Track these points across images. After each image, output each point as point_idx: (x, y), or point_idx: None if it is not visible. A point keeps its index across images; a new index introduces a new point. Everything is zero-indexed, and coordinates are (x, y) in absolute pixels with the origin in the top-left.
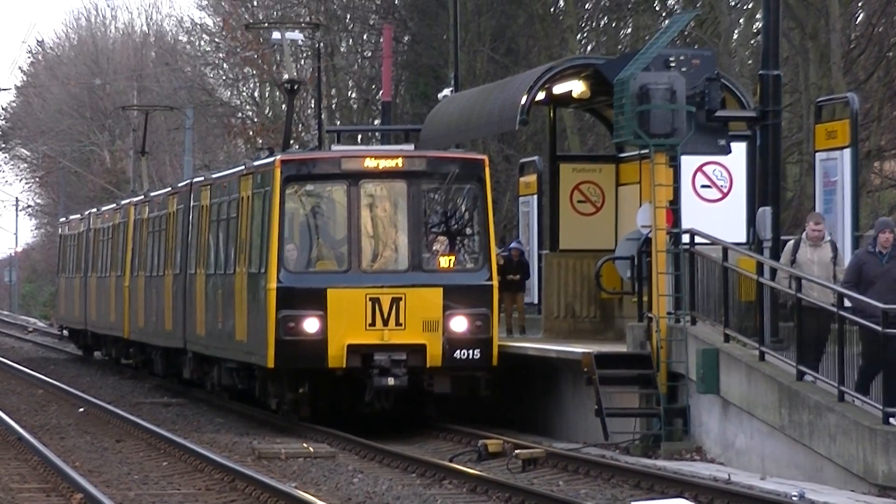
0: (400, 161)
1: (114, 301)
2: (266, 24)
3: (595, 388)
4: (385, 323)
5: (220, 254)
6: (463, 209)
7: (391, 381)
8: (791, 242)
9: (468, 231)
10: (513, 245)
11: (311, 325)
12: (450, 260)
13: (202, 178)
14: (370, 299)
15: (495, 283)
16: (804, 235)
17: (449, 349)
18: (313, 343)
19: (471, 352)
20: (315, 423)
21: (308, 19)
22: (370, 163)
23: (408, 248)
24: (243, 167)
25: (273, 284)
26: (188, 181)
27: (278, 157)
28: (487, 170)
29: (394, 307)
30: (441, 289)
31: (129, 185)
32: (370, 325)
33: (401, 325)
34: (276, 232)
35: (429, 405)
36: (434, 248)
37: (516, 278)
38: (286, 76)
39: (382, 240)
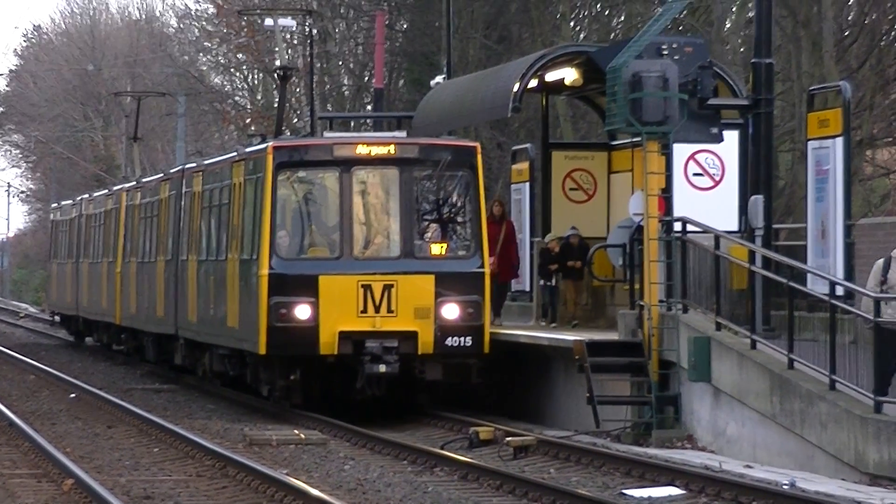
0: (392, 148)
1: (105, 287)
2: (259, 11)
3: (587, 375)
4: (377, 310)
5: (211, 240)
6: (455, 196)
7: (383, 367)
8: (881, 262)
9: (460, 218)
10: (570, 231)
11: (302, 311)
12: (442, 247)
13: (194, 165)
14: (362, 286)
15: (487, 269)
16: (893, 254)
17: (441, 336)
18: (305, 330)
19: (462, 339)
20: (306, 409)
21: (301, 6)
22: (362, 150)
23: (400, 235)
24: (235, 154)
25: (265, 271)
26: (180, 167)
27: (270, 143)
28: (479, 157)
29: (385, 294)
30: (433, 276)
31: (121, 170)
32: (362, 311)
33: (392, 312)
34: (268, 218)
35: (420, 392)
36: (426, 235)
37: (577, 265)
38: (278, 63)
39: (374, 227)
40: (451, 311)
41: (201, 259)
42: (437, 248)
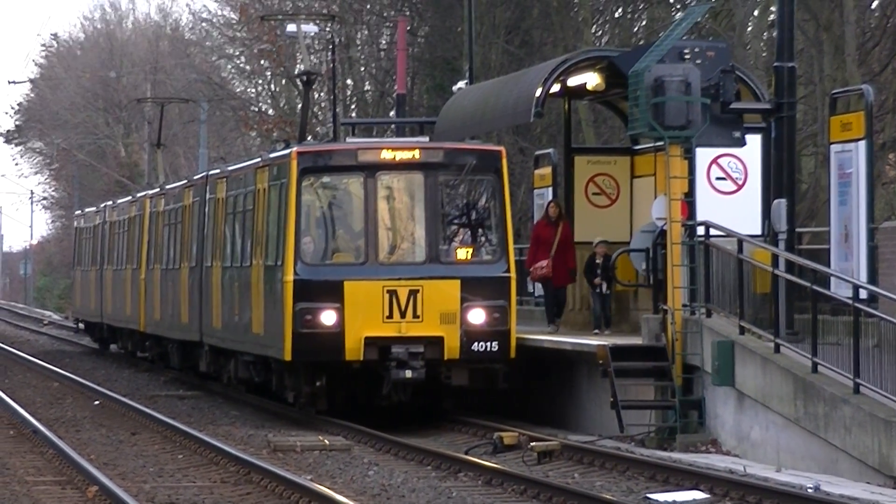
0: (417, 153)
1: (129, 294)
2: (281, 16)
3: (610, 380)
4: (402, 315)
5: (236, 246)
6: (480, 201)
7: (408, 373)
8: None
9: (485, 223)
10: None
11: (328, 317)
12: (467, 252)
13: (218, 171)
14: (387, 291)
15: (513, 274)
16: None
17: (466, 341)
18: (330, 336)
19: (488, 344)
20: (332, 415)
21: (323, 11)
22: (387, 154)
23: (425, 240)
24: (259, 159)
25: (290, 277)
26: (204, 173)
27: (294, 148)
28: (504, 161)
29: (411, 299)
30: (458, 281)
31: (144, 177)
32: (387, 317)
33: (418, 317)
34: (293, 224)
35: (446, 398)
36: (452, 240)
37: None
38: (301, 68)
39: (399, 232)
40: (477, 315)
41: (225, 265)
42: (463, 253)
